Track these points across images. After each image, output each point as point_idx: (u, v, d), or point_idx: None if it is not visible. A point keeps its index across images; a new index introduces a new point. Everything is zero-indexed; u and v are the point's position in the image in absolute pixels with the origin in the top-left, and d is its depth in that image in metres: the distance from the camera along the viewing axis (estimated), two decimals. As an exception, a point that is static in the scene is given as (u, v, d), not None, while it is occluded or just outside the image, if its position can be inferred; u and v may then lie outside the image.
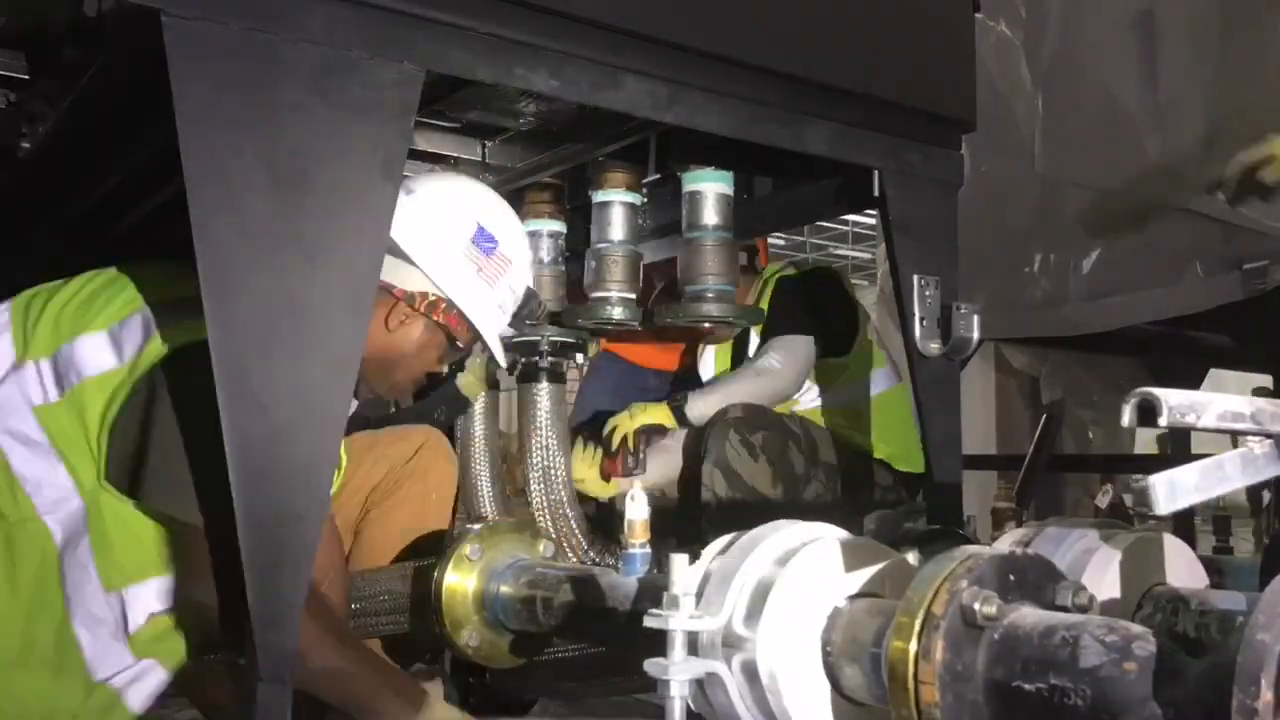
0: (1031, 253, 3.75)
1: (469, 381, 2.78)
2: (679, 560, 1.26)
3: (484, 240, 1.99)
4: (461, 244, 1.98)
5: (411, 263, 1.95)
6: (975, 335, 2.22)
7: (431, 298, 1.97)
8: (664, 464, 3.07)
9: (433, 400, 2.85)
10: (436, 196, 2.01)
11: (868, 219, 12.38)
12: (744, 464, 2.87)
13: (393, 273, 1.92)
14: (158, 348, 1.68)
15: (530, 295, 2.23)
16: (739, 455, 2.86)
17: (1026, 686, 1.05)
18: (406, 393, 2.23)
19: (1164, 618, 1.46)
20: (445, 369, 2.18)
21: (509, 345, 2.45)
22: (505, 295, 2.06)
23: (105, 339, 1.73)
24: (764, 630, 1.26)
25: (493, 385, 2.97)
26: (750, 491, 2.86)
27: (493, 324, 2.05)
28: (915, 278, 2.18)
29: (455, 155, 2.73)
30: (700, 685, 1.30)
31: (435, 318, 1.99)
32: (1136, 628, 1.05)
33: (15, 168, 2.22)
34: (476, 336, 2.04)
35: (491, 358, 2.16)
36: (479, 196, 2.06)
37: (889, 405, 3.12)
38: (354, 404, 1.98)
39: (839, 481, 3.03)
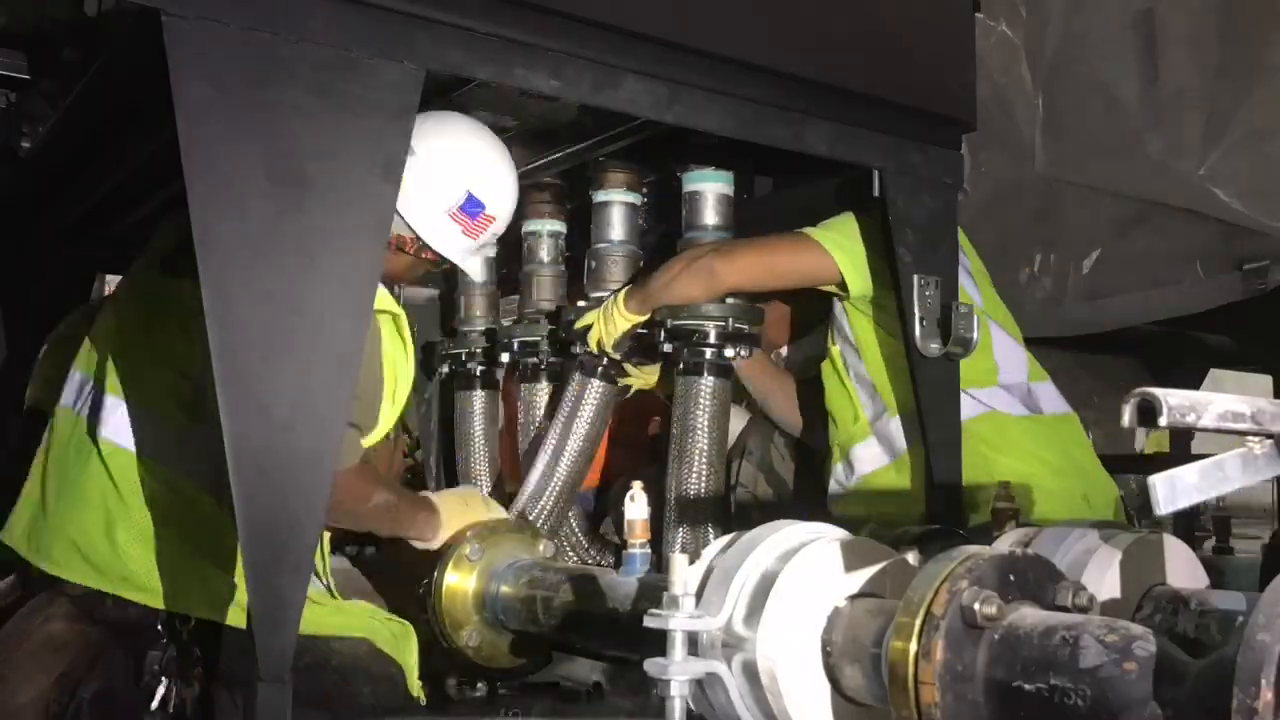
0: (1031, 253, 3.74)
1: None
2: (679, 560, 1.26)
3: (471, 206, 2.23)
4: (450, 208, 2.21)
5: (404, 220, 2.19)
6: (975, 335, 2.22)
7: (421, 243, 2.22)
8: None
9: None
10: (432, 160, 2.18)
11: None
12: (787, 467, 2.84)
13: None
14: None
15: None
16: (782, 459, 2.84)
17: (1027, 686, 1.05)
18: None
19: (1164, 618, 1.46)
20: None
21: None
22: (488, 240, 2.33)
23: None
24: (764, 630, 1.26)
25: (491, 385, 2.98)
26: (790, 495, 2.84)
27: (473, 266, 2.42)
28: (915, 278, 2.18)
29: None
30: (700, 685, 1.29)
31: (424, 256, 2.26)
32: (1136, 628, 1.05)
33: (15, 168, 2.23)
34: (457, 271, 2.41)
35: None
36: (472, 160, 2.24)
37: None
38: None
39: None
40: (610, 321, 2.51)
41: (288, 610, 1.41)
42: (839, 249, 2.36)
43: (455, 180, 2.20)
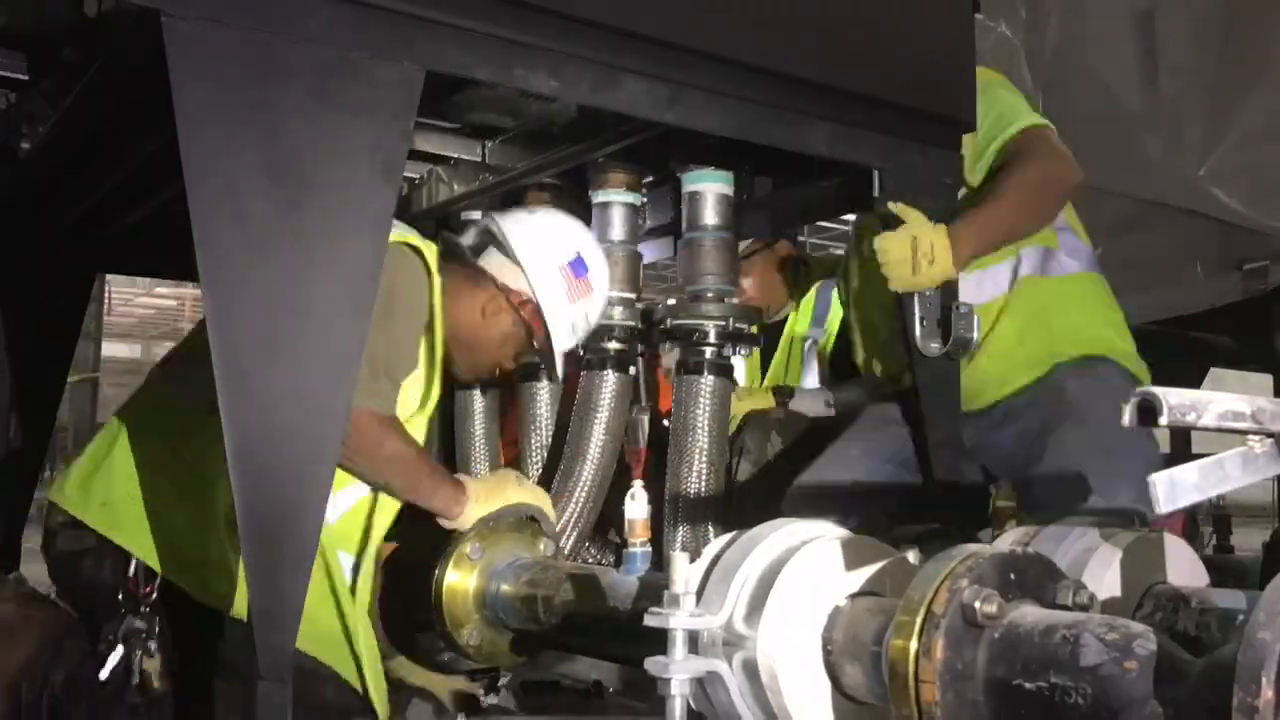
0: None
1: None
2: (679, 558, 1.26)
3: (579, 267, 2.32)
4: (561, 261, 2.30)
5: (518, 264, 2.28)
6: (975, 335, 2.22)
7: (524, 297, 2.29)
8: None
9: None
10: (553, 220, 2.38)
11: (868, 219, 12.33)
12: (783, 465, 2.85)
13: (499, 269, 2.30)
14: None
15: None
16: (778, 459, 2.84)
17: (1027, 685, 1.05)
18: (482, 376, 2.60)
19: (1164, 616, 1.46)
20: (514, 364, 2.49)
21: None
22: (580, 318, 2.35)
23: None
24: (764, 629, 1.26)
25: (491, 385, 2.97)
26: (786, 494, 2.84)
27: (563, 336, 2.34)
28: (916, 278, 2.17)
29: (455, 156, 2.73)
30: (701, 684, 1.30)
31: (522, 314, 2.29)
32: (1137, 626, 1.05)
33: (15, 168, 2.22)
34: (548, 342, 2.32)
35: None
36: (585, 233, 2.41)
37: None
38: None
39: None
40: (933, 261, 2.15)
41: (288, 609, 1.41)
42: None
43: (569, 238, 2.33)
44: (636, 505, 1.73)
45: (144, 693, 2.00)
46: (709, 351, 2.42)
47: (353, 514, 2.06)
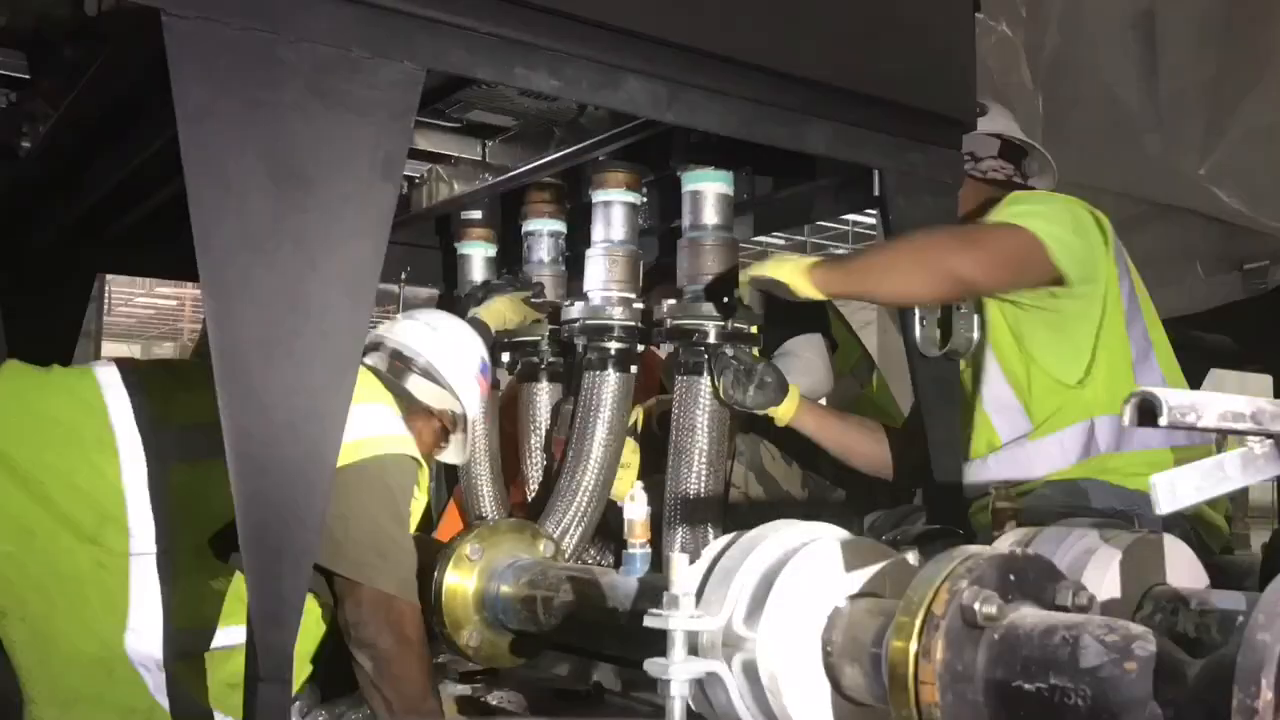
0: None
1: (497, 310, 2.74)
2: (679, 560, 1.26)
3: (485, 369, 2.46)
4: (475, 371, 2.40)
5: (447, 388, 2.32)
6: (975, 335, 2.22)
7: (454, 413, 2.35)
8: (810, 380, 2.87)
9: None
10: (452, 330, 2.43)
11: (868, 218, 12.36)
12: (778, 468, 2.85)
13: (428, 395, 2.30)
14: None
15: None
16: (773, 459, 2.85)
17: (1027, 686, 1.05)
18: None
19: (1164, 617, 1.46)
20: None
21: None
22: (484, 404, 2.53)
23: None
24: (764, 630, 1.26)
25: (493, 385, 2.97)
26: (782, 495, 2.84)
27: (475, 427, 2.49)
28: (915, 278, 2.17)
29: (455, 155, 2.73)
30: (701, 685, 1.30)
31: (444, 422, 2.34)
32: (1137, 627, 1.05)
33: (15, 168, 2.23)
34: (464, 440, 2.41)
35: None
36: (473, 333, 2.49)
37: None
38: None
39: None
40: (781, 273, 2.19)
41: (288, 610, 1.41)
42: (1053, 240, 2.18)
43: (473, 345, 2.42)
44: (636, 506, 1.73)
45: None
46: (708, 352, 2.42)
47: None
